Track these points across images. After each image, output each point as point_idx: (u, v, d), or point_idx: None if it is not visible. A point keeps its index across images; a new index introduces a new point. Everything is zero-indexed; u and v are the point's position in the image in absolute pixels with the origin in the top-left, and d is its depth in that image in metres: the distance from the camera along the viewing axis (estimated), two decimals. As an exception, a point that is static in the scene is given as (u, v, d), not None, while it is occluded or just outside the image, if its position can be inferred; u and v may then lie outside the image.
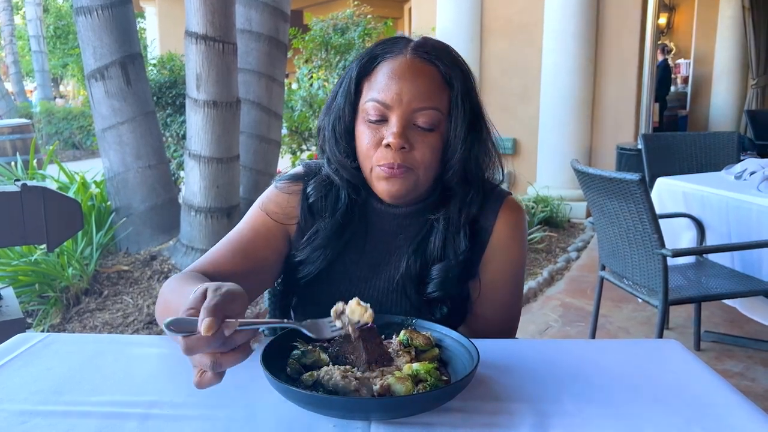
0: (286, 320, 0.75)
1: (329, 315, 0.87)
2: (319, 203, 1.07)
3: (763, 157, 4.06)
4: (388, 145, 0.95)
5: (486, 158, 1.04)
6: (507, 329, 1.12)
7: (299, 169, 1.14)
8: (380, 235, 1.07)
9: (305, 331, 0.78)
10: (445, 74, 0.99)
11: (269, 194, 1.11)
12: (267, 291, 1.24)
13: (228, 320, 0.66)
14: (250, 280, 0.98)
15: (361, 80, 1.01)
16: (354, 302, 0.81)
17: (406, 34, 1.05)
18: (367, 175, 1.01)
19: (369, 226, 1.07)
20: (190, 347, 0.65)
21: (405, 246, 1.06)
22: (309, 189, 1.08)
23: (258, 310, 2.87)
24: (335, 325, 0.81)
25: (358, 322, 0.80)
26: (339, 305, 0.81)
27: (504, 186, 1.11)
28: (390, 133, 0.95)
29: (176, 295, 0.91)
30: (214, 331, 0.64)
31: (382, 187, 0.98)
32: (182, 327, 0.66)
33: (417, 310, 1.03)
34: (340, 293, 1.06)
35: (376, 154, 0.97)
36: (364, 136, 0.99)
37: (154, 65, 5.66)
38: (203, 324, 0.64)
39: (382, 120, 0.97)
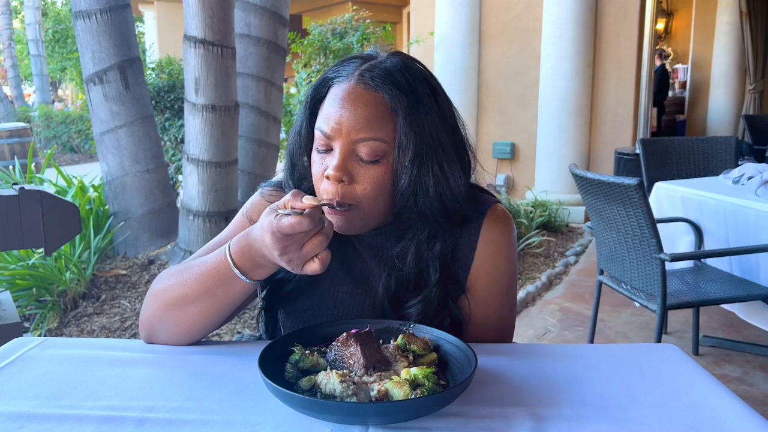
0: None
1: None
2: None
3: (760, 161, 4.07)
4: (328, 177, 0.91)
5: (445, 190, 0.94)
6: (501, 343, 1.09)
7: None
8: (359, 252, 1.04)
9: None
10: (390, 102, 0.91)
11: (254, 201, 1.09)
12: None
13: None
14: None
15: (316, 105, 0.97)
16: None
17: (379, 48, 0.99)
18: None
19: (346, 243, 1.03)
20: (293, 225, 0.78)
21: (382, 265, 1.01)
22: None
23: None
24: None
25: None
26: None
27: (501, 190, 1.08)
28: (331, 165, 0.90)
29: (187, 268, 0.93)
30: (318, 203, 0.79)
31: (331, 220, 0.91)
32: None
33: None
34: (327, 308, 1.04)
35: (321, 186, 0.93)
36: (314, 164, 0.95)
37: (153, 69, 5.67)
38: (306, 198, 0.79)
39: (328, 150, 0.93)
